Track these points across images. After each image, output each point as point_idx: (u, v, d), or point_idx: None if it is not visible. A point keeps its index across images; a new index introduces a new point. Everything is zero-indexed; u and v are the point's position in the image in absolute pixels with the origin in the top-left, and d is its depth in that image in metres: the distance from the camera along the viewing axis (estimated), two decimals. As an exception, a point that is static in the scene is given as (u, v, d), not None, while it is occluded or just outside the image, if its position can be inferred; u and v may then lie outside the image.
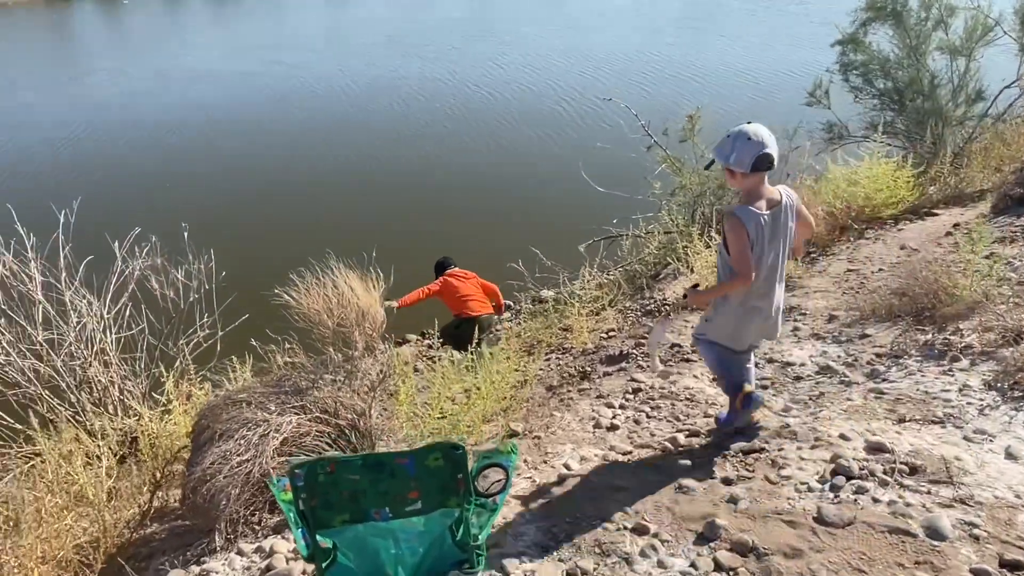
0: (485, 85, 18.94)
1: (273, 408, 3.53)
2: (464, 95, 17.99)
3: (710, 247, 6.54)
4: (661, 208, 7.95)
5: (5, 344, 5.02)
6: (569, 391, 4.76)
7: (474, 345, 7.19)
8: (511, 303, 9.25)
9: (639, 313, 6.39)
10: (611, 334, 5.98)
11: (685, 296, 3.29)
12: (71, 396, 5.07)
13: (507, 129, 15.41)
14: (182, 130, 15.87)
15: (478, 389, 4.09)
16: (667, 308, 5.93)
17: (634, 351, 5.16)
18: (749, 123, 2.97)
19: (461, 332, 6.64)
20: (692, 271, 6.46)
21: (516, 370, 4.74)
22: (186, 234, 5.37)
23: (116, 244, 5.49)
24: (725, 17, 28.11)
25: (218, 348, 5.26)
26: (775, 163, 2.95)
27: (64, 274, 5.29)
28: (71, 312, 5.28)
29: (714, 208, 7.55)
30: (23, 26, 33.66)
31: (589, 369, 5.10)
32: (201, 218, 10.23)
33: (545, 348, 6.18)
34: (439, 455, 1.90)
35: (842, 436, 3.33)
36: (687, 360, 4.70)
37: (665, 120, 8.73)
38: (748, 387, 3.34)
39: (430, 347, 8.31)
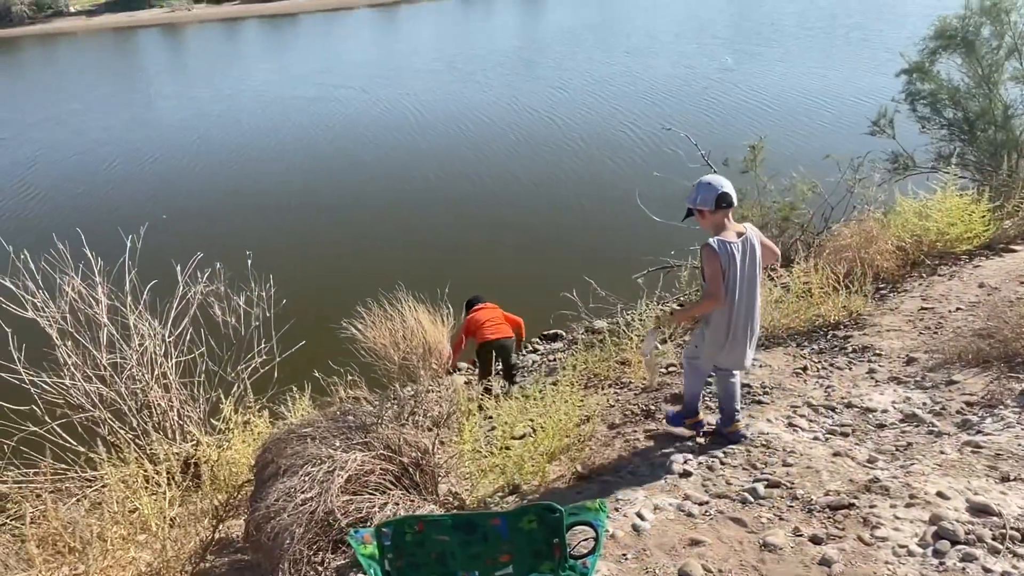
0: (545, 110, 19.00)
1: (338, 444, 3.46)
2: (524, 122, 18.05)
3: (772, 279, 6.34)
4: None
5: (71, 366, 5.08)
6: (634, 431, 4.60)
7: (496, 369, 7.13)
8: (563, 333, 9.15)
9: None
10: (671, 369, 5.80)
11: (672, 313, 4.11)
12: (132, 420, 5.09)
13: (565, 156, 15.44)
14: (249, 155, 16.23)
15: (542, 427, 3.97)
16: (656, 320, 6.15)
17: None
18: (709, 174, 3.81)
19: (480, 358, 6.61)
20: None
21: (579, 406, 4.61)
22: (249, 261, 5.40)
23: (179, 268, 5.55)
24: (782, 42, 27.81)
25: (275, 375, 5.24)
26: (734, 202, 3.71)
27: (129, 298, 5.36)
28: (134, 335, 5.33)
29: (777, 241, 7.33)
30: (90, 53, 35.03)
31: (653, 407, 4.93)
32: (265, 244, 10.48)
33: (603, 382, 6.03)
34: (534, 517, 1.78)
35: (940, 494, 3.11)
36: (758, 402, 4.50)
37: (725, 150, 8.58)
38: (701, 415, 4.15)
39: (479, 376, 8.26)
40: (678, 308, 3.97)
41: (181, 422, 5.22)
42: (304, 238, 11.68)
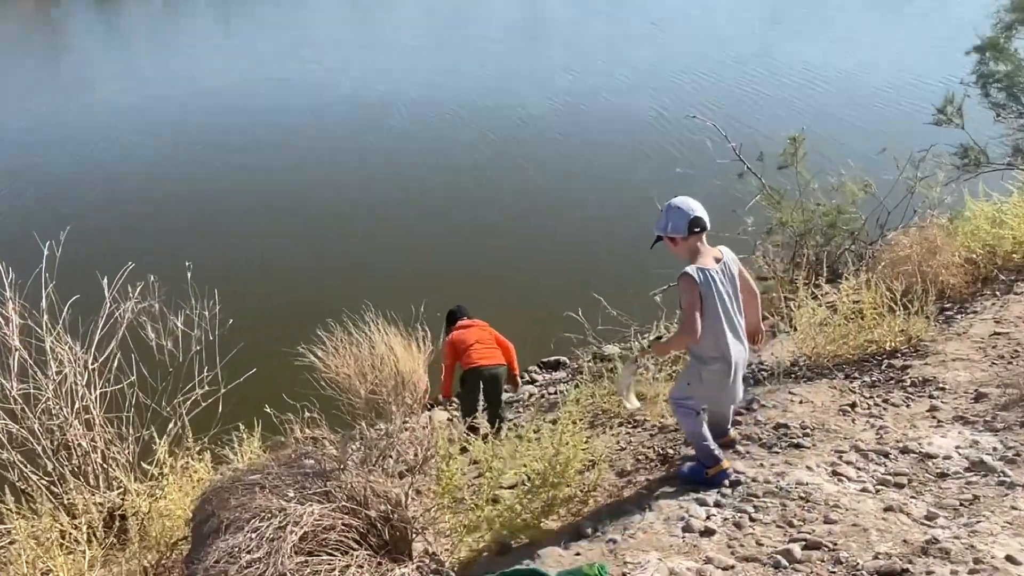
0: (552, 95, 19.20)
1: (292, 494, 3.49)
2: (526, 110, 18.18)
3: (817, 298, 6.40)
4: (755, 250, 7.83)
5: (-27, 398, 5.10)
6: (648, 479, 4.62)
7: (482, 407, 7.17)
8: (566, 360, 9.19)
9: (730, 379, 6.25)
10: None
11: (651, 345, 4.55)
12: (47, 463, 5.11)
13: (566, 148, 15.59)
14: (194, 150, 16.11)
15: (538, 475, 4.00)
16: (634, 352, 6.32)
17: (729, 429, 5.02)
18: (676, 197, 4.12)
19: (465, 388, 6.73)
20: (794, 327, 6.31)
21: (584, 449, 4.65)
22: (189, 274, 5.44)
23: (105, 282, 5.58)
24: (826, 20, 28.09)
25: (219, 410, 5.27)
26: (707, 225, 4.05)
27: (45, 316, 5.39)
28: (51, 361, 5.35)
29: (822, 251, 7.41)
30: (11, 27, 35.12)
31: (671, 451, 4.96)
32: (209, 254, 10.48)
33: (612, 419, 6.06)
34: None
35: (1010, 559, 3.14)
36: (797, 446, 4.54)
37: (760, 142, 8.68)
38: (725, 463, 4.20)
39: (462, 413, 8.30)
40: (655, 340, 4.47)
41: (105, 466, 5.24)
42: (256, 247, 11.74)
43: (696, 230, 4.02)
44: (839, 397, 5.25)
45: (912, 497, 3.86)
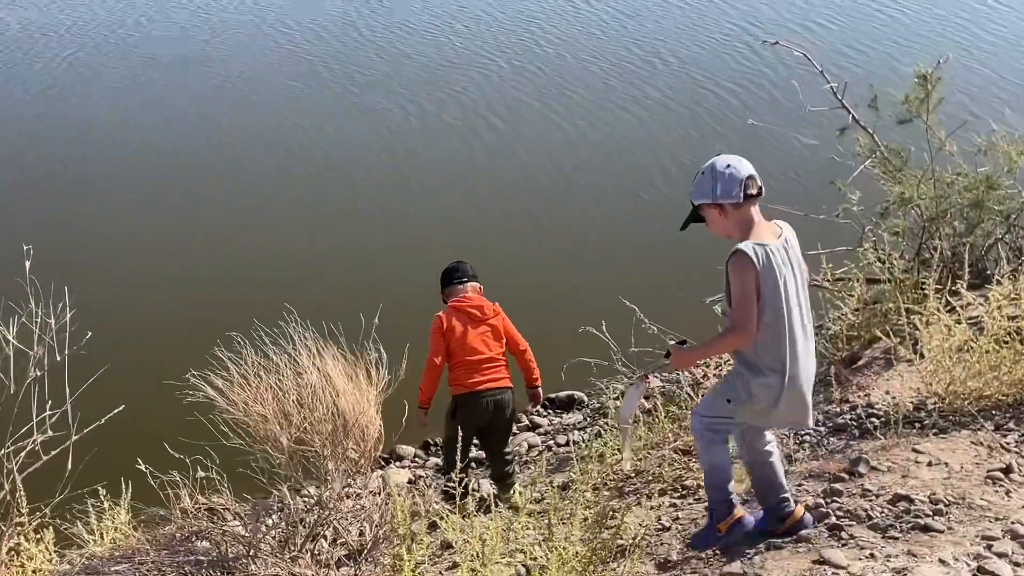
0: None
1: (175, 593, 3.47)
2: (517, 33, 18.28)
3: (955, 312, 6.40)
4: (863, 238, 7.84)
5: None
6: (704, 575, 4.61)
7: (472, 458, 7.09)
8: (582, 397, 9.17)
9: (824, 429, 6.25)
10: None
11: (668, 355, 4.58)
12: None
13: (585, 91, 15.63)
14: (44, 102, 16.05)
15: (542, 569, 3.98)
16: (644, 368, 6.43)
17: (821, 503, 5.00)
18: (719, 155, 4.38)
19: (454, 422, 6.73)
20: (920, 354, 6.32)
21: (608, 529, 4.62)
22: (28, 262, 5.39)
23: None
24: None
25: (68, 466, 5.21)
26: (762, 188, 4.33)
27: None
28: None
29: (962, 243, 7.38)
30: None
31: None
32: (60, 237, 10.54)
33: (650, 483, 6.04)
34: None
35: None
36: (925, 529, 4.53)
37: (872, 82, 8.66)
38: (739, 511, 4.58)
39: (440, 469, 8.30)
40: (678, 346, 4.56)
41: None
42: (129, 226, 11.70)
43: (752, 193, 4.27)
44: (986, 457, 5.26)
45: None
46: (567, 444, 8.09)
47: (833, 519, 4.82)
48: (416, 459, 8.66)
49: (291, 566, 3.59)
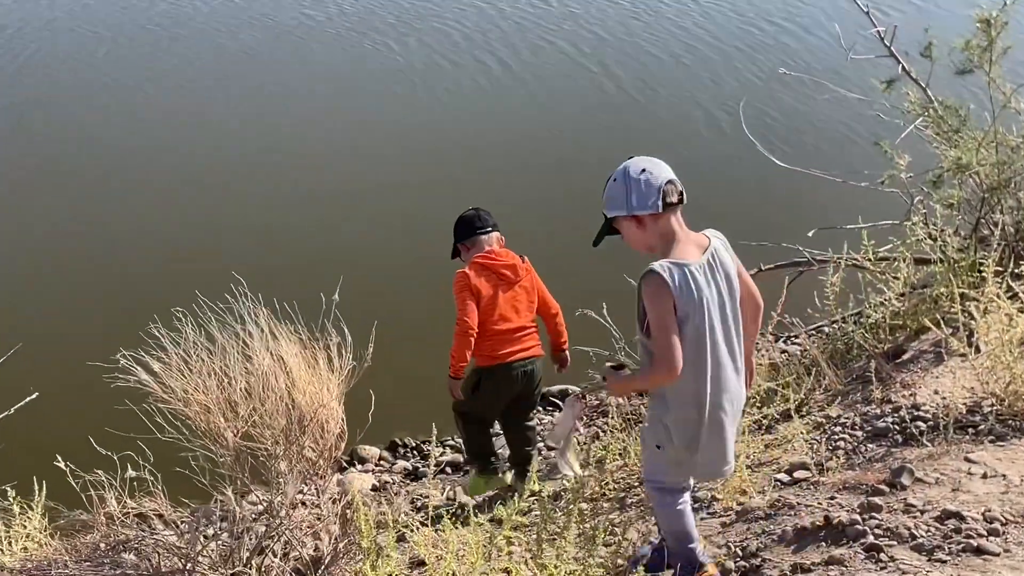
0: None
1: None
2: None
3: (1017, 297, 6.41)
4: (911, 211, 7.86)
5: None
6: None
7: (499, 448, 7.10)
8: (572, 390, 9.18)
9: (861, 434, 6.29)
10: (800, 476, 5.88)
11: (604, 378, 4.74)
12: None
13: (595, 25, 15.64)
14: None
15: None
16: (583, 386, 6.51)
17: (856, 519, 5.02)
18: (633, 157, 4.42)
19: (477, 397, 6.80)
20: (975, 347, 6.32)
21: (608, 545, 4.63)
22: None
23: None
24: None
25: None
26: (685, 196, 4.36)
27: None
28: None
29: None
30: None
31: (760, 552, 4.98)
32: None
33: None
34: None
35: None
36: (978, 551, 4.55)
37: (929, 25, 8.64)
38: (711, 568, 4.67)
39: (409, 474, 8.31)
40: (613, 370, 4.64)
41: None
42: (48, 173, 11.73)
43: (672, 201, 4.27)
44: (1053, 468, 5.26)
45: None
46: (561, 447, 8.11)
47: (871, 538, 4.82)
48: (382, 462, 8.66)
49: (233, 584, 3.60)
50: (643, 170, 4.28)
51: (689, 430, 4.37)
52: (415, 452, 8.87)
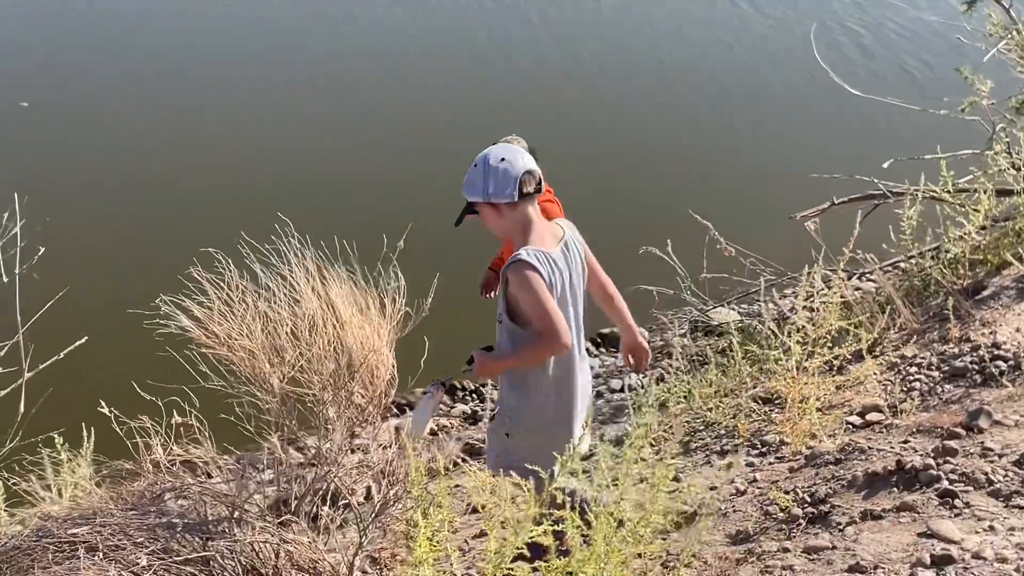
0: None
1: (145, 562, 3.48)
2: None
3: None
4: (993, 139, 7.72)
5: None
6: (784, 549, 4.62)
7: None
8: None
9: (938, 374, 6.23)
10: (872, 419, 5.86)
11: (471, 361, 4.76)
12: None
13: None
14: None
15: (585, 538, 3.97)
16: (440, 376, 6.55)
17: (930, 464, 4.96)
18: (494, 145, 4.80)
19: None
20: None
21: (669, 492, 4.62)
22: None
23: None
24: None
25: (21, 410, 5.26)
26: (543, 184, 4.67)
27: None
28: None
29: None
30: None
31: (829, 499, 4.94)
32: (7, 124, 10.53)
33: (724, 438, 6.14)
34: None
35: None
36: None
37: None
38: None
39: (468, 418, 8.36)
40: (484, 352, 4.76)
41: None
42: (90, 123, 11.74)
43: (529, 191, 4.58)
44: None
45: None
46: (622, 390, 8.10)
47: (945, 483, 4.80)
48: (440, 406, 8.71)
49: (283, 531, 3.59)
50: (502, 159, 4.57)
51: (546, 414, 4.72)
52: (474, 395, 8.94)
